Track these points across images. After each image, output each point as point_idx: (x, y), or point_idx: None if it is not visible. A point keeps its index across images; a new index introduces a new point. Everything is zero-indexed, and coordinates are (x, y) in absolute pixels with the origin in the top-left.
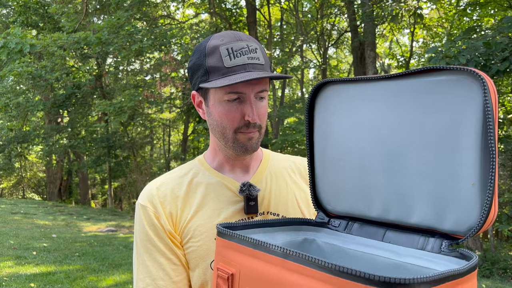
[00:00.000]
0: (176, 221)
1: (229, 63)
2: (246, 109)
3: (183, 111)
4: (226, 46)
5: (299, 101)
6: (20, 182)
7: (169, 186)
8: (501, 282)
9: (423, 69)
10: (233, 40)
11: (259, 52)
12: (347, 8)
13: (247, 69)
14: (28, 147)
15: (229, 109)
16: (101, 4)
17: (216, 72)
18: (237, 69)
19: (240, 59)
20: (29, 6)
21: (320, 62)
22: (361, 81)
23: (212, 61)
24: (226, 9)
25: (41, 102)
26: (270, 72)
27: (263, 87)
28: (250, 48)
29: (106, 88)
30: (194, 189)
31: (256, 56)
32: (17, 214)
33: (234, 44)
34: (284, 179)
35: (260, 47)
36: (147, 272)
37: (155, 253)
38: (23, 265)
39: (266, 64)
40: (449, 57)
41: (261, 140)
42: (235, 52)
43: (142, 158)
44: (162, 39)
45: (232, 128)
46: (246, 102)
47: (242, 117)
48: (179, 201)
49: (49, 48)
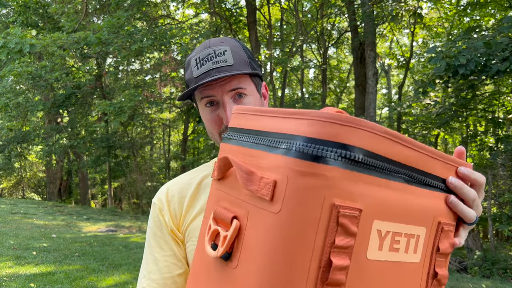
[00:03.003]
0: (180, 220)
1: (196, 72)
2: (221, 113)
3: (183, 111)
4: (195, 57)
5: (299, 101)
6: (20, 182)
7: (179, 186)
8: (501, 282)
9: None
10: (201, 49)
11: (228, 54)
12: (347, 8)
13: (212, 74)
14: (28, 147)
15: (209, 114)
16: (101, 4)
17: (190, 83)
18: (203, 76)
19: (206, 66)
20: (29, 6)
21: (320, 62)
22: None
23: (187, 74)
24: (226, 9)
25: (41, 102)
26: (249, 68)
27: (235, 85)
28: (217, 53)
29: (106, 88)
30: (202, 190)
31: (223, 59)
32: (17, 214)
33: (201, 53)
34: None
35: (233, 47)
36: (146, 264)
37: (155, 248)
38: (23, 265)
39: (237, 63)
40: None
41: None
42: (201, 60)
43: (142, 158)
44: (162, 39)
45: (216, 132)
46: (220, 105)
47: (222, 121)
48: (186, 201)
49: (49, 48)
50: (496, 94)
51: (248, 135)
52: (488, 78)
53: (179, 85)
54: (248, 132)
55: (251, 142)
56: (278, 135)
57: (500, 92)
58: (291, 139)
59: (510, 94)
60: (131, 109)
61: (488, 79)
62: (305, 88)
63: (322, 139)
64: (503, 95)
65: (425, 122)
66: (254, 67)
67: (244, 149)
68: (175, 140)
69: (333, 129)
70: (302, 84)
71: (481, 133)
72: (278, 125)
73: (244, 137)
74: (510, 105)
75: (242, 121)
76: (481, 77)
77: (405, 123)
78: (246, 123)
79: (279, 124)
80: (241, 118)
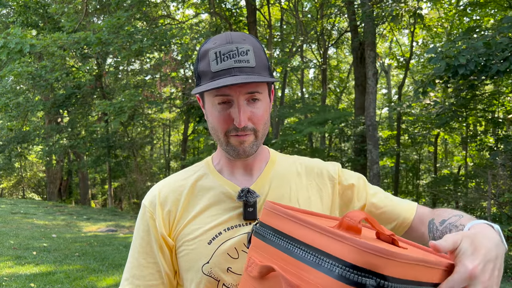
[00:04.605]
0: (173, 224)
1: (215, 67)
2: (234, 113)
3: (183, 111)
4: (215, 50)
5: (299, 101)
6: (20, 182)
7: (171, 188)
8: (501, 282)
9: None
10: (223, 43)
11: (250, 54)
12: (347, 8)
13: (232, 73)
14: (28, 147)
15: (219, 112)
16: (101, 4)
17: (205, 77)
18: (223, 73)
19: (227, 63)
20: (29, 6)
21: (320, 62)
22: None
23: (202, 66)
24: (226, 9)
25: (41, 102)
26: (267, 73)
27: (253, 89)
28: (240, 51)
29: (106, 88)
30: (196, 192)
31: (246, 59)
32: (17, 214)
33: (222, 48)
34: (289, 184)
35: (255, 48)
36: (130, 268)
37: (140, 253)
38: (23, 265)
39: (259, 66)
40: (449, 57)
41: (258, 144)
42: (222, 55)
43: (142, 158)
44: (162, 39)
45: (223, 131)
46: (234, 105)
47: (232, 121)
48: (179, 204)
49: (49, 48)
50: (496, 94)
51: (286, 240)
52: (488, 78)
53: (179, 85)
54: (286, 237)
55: (293, 252)
56: (321, 253)
57: (500, 92)
58: (334, 260)
59: (510, 94)
60: (131, 109)
61: (488, 79)
62: (305, 88)
63: (363, 267)
64: (503, 95)
65: (425, 122)
66: (271, 71)
67: (285, 256)
68: (175, 140)
69: (373, 259)
70: (302, 84)
71: (481, 133)
72: (319, 241)
73: (283, 242)
74: (510, 105)
75: (277, 222)
76: (481, 77)
77: (405, 123)
78: (283, 226)
79: (321, 241)
80: (275, 218)
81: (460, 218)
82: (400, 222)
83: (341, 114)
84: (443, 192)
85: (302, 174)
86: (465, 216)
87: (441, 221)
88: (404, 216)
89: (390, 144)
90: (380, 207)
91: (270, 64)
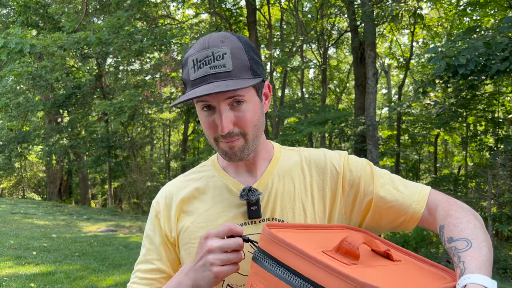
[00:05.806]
0: (177, 222)
1: (193, 75)
2: (217, 119)
3: (183, 111)
4: (193, 57)
5: (299, 101)
6: (20, 182)
7: (178, 188)
8: (501, 282)
9: None
10: (199, 49)
11: (227, 57)
12: (347, 8)
13: (208, 80)
14: (28, 147)
15: (206, 118)
16: (101, 4)
17: (187, 85)
18: (199, 81)
19: (202, 70)
20: (29, 6)
21: (320, 62)
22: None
23: (184, 74)
24: (226, 9)
25: (41, 102)
26: (249, 74)
27: (232, 93)
28: (216, 55)
29: (106, 88)
30: (201, 191)
31: (221, 64)
32: (17, 214)
33: (199, 54)
34: (293, 181)
35: (234, 49)
36: (137, 263)
37: (146, 250)
38: (23, 265)
39: (237, 69)
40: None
41: (250, 146)
42: (199, 63)
43: (142, 158)
44: (162, 39)
45: (212, 136)
46: (217, 112)
47: (217, 127)
48: (184, 203)
49: (49, 48)
50: (496, 94)
51: (285, 270)
52: (488, 78)
53: (179, 85)
54: (285, 267)
55: (292, 283)
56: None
57: (500, 92)
58: None
59: (510, 94)
60: (131, 109)
61: (488, 79)
62: (305, 88)
63: None
64: (503, 95)
65: (425, 122)
66: (255, 71)
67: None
68: (175, 140)
69: None
70: (302, 84)
71: (481, 133)
72: (318, 275)
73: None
74: (510, 105)
75: (275, 250)
76: (481, 77)
77: (405, 123)
78: (280, 254)
79: (319, 276)
80: (273, 246)
81: (467, 249)
82: (409, 217)
83: (341, 114)
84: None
85: (306, 170)
86: (473, 247)
87: (449, 238)
88: (413, 210)
89: (390, 144)
90: (388, 202)
91: (256, 60)
